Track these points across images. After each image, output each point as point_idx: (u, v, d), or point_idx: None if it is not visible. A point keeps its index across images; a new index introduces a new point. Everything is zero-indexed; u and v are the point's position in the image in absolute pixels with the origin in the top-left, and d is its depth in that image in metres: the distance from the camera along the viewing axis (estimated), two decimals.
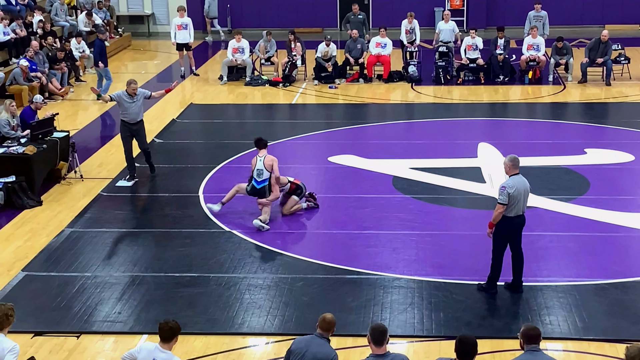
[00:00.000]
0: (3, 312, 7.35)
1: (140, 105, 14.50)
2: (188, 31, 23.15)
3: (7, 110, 15.22)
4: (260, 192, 12.80)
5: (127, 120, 14.43)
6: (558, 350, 9.29)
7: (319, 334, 7.54)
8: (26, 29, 22.69)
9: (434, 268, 11.23)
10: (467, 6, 29.51)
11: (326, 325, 7.53)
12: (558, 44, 21.66)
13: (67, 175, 15.15)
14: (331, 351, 7.44)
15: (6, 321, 7.35)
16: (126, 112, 14.39)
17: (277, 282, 10.91)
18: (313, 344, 7.48)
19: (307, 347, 7.46)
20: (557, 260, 11.50)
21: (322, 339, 7.50)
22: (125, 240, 12.46)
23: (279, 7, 30.23)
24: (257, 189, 12.79)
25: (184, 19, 23.23)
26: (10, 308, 7.44)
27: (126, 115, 14.40)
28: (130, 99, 14.30)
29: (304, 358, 7.41)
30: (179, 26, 23.13)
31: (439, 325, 9.80)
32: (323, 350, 7.42)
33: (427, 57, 23.41)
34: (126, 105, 14.32)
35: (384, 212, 13.29)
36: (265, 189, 12.75)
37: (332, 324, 7.54)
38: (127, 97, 14.29)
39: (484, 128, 18.44)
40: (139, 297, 10.57)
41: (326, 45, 22.14)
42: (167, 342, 7.31)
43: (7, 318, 7.36)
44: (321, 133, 17.72)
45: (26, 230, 12.94)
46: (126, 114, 14.40)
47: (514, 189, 9.97)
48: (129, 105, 14.32)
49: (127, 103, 14.30)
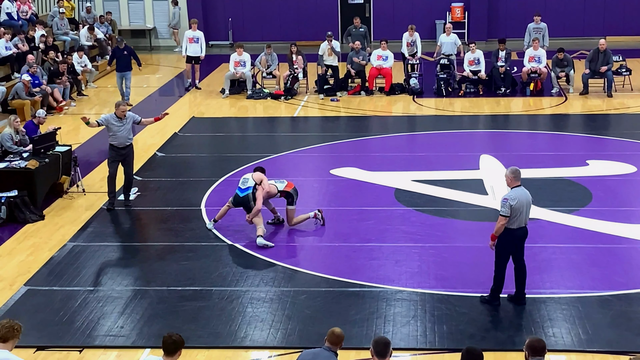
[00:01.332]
0: (10, 324, 7.31)
1: (129, 129, 13.99)
2: (199, 44, 23.27)
3: (11, 125, 15.25)
4: (243, 201, 12.59)
5: (116, 145, 13.91)
6: None
7: (327, 348, 7.54)
8: (28, 44, 22.75)
9: (436, 280, 11.21)
10: (468, 18, 29.58)
11: (335, 339, 7.54)
12: (559, 54, 21.70)
13: (70, 189, 15.16)
14: None
15: (12, 334, 7.30)
16: (114, 136, 13.86)
17: (279, 295, 10.89)
18: (320, 357, 7.49)
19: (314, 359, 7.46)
20: (560, 272, 11.48)
21: (329, 352, 7.51)
22: (128, 254, 12.45)
23: (281, 21, 30.32)
24: (240, 197, 12.63)
25: (195, 32, 23.36)
26: (18, 324, 7.40)
27: (114, 139, 13.87)
28: (119, 122, 13.79)
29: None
30: (191, 39, 23.26)
31: (442, 338, 9.77)
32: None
33: (428, 69, 23.44)
34: (114, 129, 13.81)
35: (386, 224, 13.28)
36: (249, 197, 12.55)
37: (340, 338, 7.55)
38: (115, 120, 13.77)
39: (486, 140, 18.45)
40: (142, 311, 10.55)
41: (328, 42, 22.16)
42: (170, 356, 7.30)
43: (14, 331, 7.31)
44: (323, 146, 17.73)
45: (28, 244, 12.94)
46: (114, 138, 13.87)
47: (515, 201, 9.97)
48: (118, 128, 13.81)
49: (115, 126, 13.79)
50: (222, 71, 24.33)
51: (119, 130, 13.87)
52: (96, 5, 30.16)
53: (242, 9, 30.38)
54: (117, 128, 13.85)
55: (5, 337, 7.26)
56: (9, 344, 7.29)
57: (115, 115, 13.88)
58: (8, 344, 7.28)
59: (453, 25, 25.33)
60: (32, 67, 20.95)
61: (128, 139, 14.02)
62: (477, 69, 22.08)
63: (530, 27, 23.71)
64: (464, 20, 29.52)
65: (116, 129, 13.85)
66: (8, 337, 7.28)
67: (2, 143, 15.02)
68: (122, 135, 13.90)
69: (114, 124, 13.82)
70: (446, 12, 29.58)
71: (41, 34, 23.46)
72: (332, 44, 22.13)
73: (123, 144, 13.98)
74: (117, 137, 13.89)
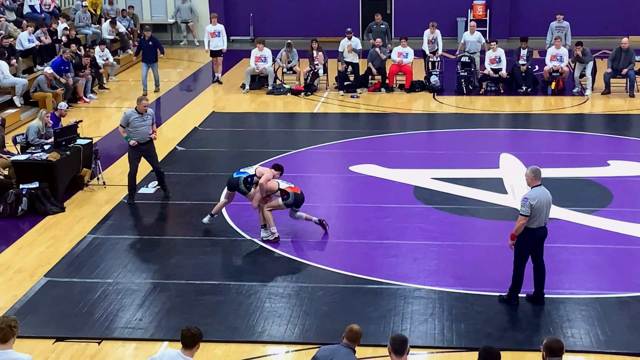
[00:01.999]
0: (7, 323, 7.17)
1: (150, 125, 14.05)
2: (221, 38, 23.38)
3: (42, 119, 15.42)
4: (233, 182, 12.54)
5: (137, 140, 13.95)
6: None
7: (345, 344, 7.54)
8: (51, 37, 22.88)
9: (454, 279, 11.19)
10: (489, 16, 29.46)
11: (353, 336, 7.54)
12: (577, 49, 21.50)
13: (90, 182, 15.24)
14: None
15: (10, 332, 7.16)
16: (135, 131, 13.88)
17: (297, 291, 10.91)
18: (339, 353, 7.49)
19: (332, 356, 7.47)
20: (579, 272, 11.44)
21: (347, 349, 7.51)
22: (147, 247, 12.50)
23: (301, 16, 30.30)
24: (233, 178, 12.59)
25: (216, 27, 23.46)
26: (13, 319, 7.27)
27: (135, 135, 13.89)
28: (140, 117, 13.84)
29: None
30: (212, 34, 23.35)
31: (459, 336, 9.76)
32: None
33: (449, 67, 23.37)
34: (136, 124, 13.84)
35: (405, 222, 13.27)
36: (239, 181, 12.49)
37: (358, 335, 7.55)
38: (136, 116, 13.82)
39: (506, 139, 18.39)
40: (160, 304, 10.60)
41: (348, 39, 22.11)
42: (189, 349, 7.33)
43: (11, 329, 7.18)
44: (342, 142, 17.73)
45: (49, 236, 13.02)
46: (135, 133, 13.89)
47: (536, 201, 9.93)
48: (139, 124, 13.85)
49: (136, 122, 13.83)
50: (243, 66, 24.37)
51: (140, 126, 13.89)
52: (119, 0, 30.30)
53: (263, 4, 30.40)
54: (138, 123, 13.87)
55: (5, 337, 7.15)
56: (9, 343, 7.18)
57: (137, 110, 13.91)
58: (8, 343, 7.17)
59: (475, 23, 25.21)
60: (65, 52, 21.12)
61: (148, 135, 14.04)
62: (498, 67, 21.98)
63: (552, 25, 23.58)
64: (485, 17, 29.40)
65: (137, 124, 13.86)
66: (8, 337, 7.16)
67: (28, 134, 15.16)
68: (142, 130, 13.93)
69: (135, 119, 13.86)
70: (468, 9, 29.47)
71: (64, 27, 23.58)
72: (352, 41, 22.07)
73: (144, 139, 14.00)
74: (138, 133, 13.91)
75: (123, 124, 13.96)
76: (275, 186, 12.59)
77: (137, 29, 28.32)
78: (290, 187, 12.67)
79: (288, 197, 12.51)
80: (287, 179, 14.41)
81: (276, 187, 12.59)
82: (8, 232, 13.23)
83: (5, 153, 15.19)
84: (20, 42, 21.57)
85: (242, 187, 12.53)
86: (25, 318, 10.19)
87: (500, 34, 28.11)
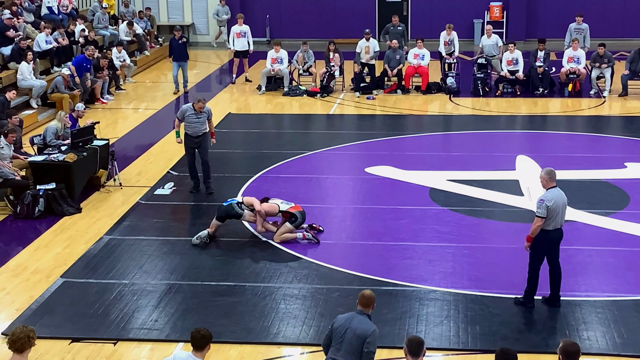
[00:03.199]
0: (25, 334, 7.14)
1: (204, 121, 14.51)
2: (247, 39, 23.46)
3: (61, 120, 15.55)
4: (226, 210, 12.50)
5: (190, 134, 14.47)
6: None
7: (359, 311, 7.78)
8: (68, 38, 22.98)
9: (470, 281, 11.16)
10: (506, 18, 29.36)
11: (366, 301, 7.80)
12: (599, 50, 21.41)
13: (107, 183, 15.30)
14: (371, 326, 7.69)
15: (27, 343, 7.15)
16: (190, 126, 14.43)
17: (312, 292, 10.91)
18: (354, 320, 7.74)
19: (348, 323, 7.73)
20: (596, 275, 11.38)
21: (362, 315, 7.74)
22: (163, 248, 12.54)
23: (318, 18, 30.32)
24: (223, 206, 12.59)
25: (242, 27, 23.53)
26: (31, 330, 7.22)
27: (189, 129, 14.45)
28: (196, 115, 14.35)
29: (345, 334, 7.69)
30: (238, 34, 23.44)
31: (475, 338, 9.74)
32: (363, 326, 7.67)
33: (465, 68, 23.32)
34: (191, 120, 14.37)
35: (420, 224, 13.25)
36: (232, 206, 12.49)
37: (371, 300, 7.81)
38: (192, 113, 14.33)
39: (523, 140, 18.32)
40: (176, 305, 10.63)
41: (366, 40, 22.08)
42: (200, 351, 7.33)
43: (29, 340, 7.16)
44: (358, 144, 17.72)
45: (65, 237, 13.08)
46: (189, 127, 14.44)
47: (552, 202, 9.90)
48: (194, 120, 14.38)
49: (191, 118, 14.35)
50: (259, 68, 24.40)
51: (194, 122, 14.42)
52: (135, 1, 30.39)
53: (279, 6, 30.44)
54: (193, 119, 14.40)
55: (22, 348, 7.13)
56: (25, 354, 7.18)
57: (193, 107, 14.36)
58: (24, 354, 7.17)
59: (491, 24, 25.16)
60: (88, 50, 21.24)
61: (202, 129, 14.51)
62: (515, 69, 21.91)
63: (571, 27, 23.46)
64: (502, 19, 29.30)
65: (192, 120, 14.40)
66: (25, 347, 7.15)
67: (45, 135, 15.25)
68: (196, 125, 14.46)
69: (191, 116, 14.35)
70: (485, 11, 29.39)
71: (81, 29, 23.69)
72: (370, 42, 22.05)
73: (197, 133, 14.49)
74: (192, 127, 14.45)
75: (179, 117, 14.54)
76: (275, 209, 12.51)
77: (154, 30, 28.42)
78: (292, 207, 12.56)
79: (296, 218, 12.43)
80: (302, 181, 14.49)
81: (276, 209, 12.50)
82: (25, 232, 13.30)
83: (22, 154, 15.27)
84: (38, 43, 21.68)
85: (236, 210, 12.50)
86: (42, 319, 10.24)
87: (517, 35, 28.01)
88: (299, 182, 15.14)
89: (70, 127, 15.58)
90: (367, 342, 7.60)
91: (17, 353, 7.11)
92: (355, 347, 7.62)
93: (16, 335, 7.10)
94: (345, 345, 7.67)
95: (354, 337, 7.63)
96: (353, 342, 7.62)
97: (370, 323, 7.73)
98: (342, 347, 7.69)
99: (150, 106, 21.56)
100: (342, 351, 7.69)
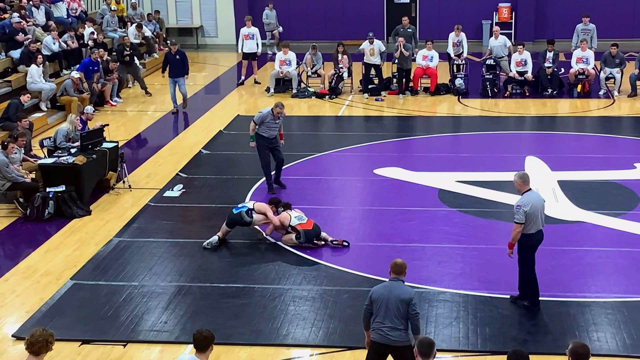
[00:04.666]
0: (44, 337, 7.14)
1: (280, 125, 14.79)
2: (255, 41, 23.45)
3: (71, 123, 15.62)
4: (236, 218, 12.51)
5: (267, 136, 14.64)
6: None
7: (394, 279, 8.24)
8: (77, 41, 23.05)
9: (480, 282, 11.15)
10: (515, 19, 29.32)
11: (398, 269, 8.28)
12: (612, 50, 21.38)
13: (116, 185, 15.34)
14: (412, 290, 8.22)
15: (44, 347, 7.15)
16: (267, 130, 14.61)
17: (321, 294, 10.91)
18: (394, 287, 8.16)
19: (389, 291, 8.13)
20: (606, 276, 11.35)
21: (398, 281, 8.24)
22: (172, 250, 12.56)
23: (327, 20, 30.35)
24: (234, 214, 12.56)
25: (250, 29, 23.54)
26: (51, 335, 7.23)
27: (266, 132, 14.61)
28: (274, 121, 14.57)
29: (389, 302, 8.07)
30: (246, 36, 23.46)
31: (484, 340, 9.73)
32: (405, 290, 8.15)
33: (474, 69, 23.30)
34: (270, 125, 14.57)
35: (429, 225, 13.24)
36: (242, 215, 12.49)
37: (404, 267, 8.32)
38: (271, 119, 14.56)
39: (532, 141, 18.30)
40: (185, 307, 10.65)
41: (370, 43, 21.96)
42: (202, 352, 7.34)
43: (47, 344, 7.16)
44: (367, 145, 17.72)
45: (75, 239, 13.12)
46: (266, 131, 14.60)
47: (529, 206, 9.84)
48: (273, 125, 14.60)
49: (270, 123, 14.56)
50: (268, 70, 24.43)
51: (273, 127, 14.65)
52: (144, 4, 30.46)
53: (288, 8, 30.47)
54: (272, 125, 14.62)
55: (39, 351, 7.13)
56: (41, 357, 7.17)
57: (272, 113, 14.52)
58: (40, 357, 7.17)
59: (500, 25, 25.13)
60: (94, 53, 21.33)
61: (276, 133, 14.82)
62: (523, 70, 21.87)
63: (578, 28, 23.44)
64: (511, 20, 29.27)
65: (271, 125, 14.61)
66: (42, 351, 7.15)
67: (56, 137, 15.31)
68: (273, 130, 14.70)
69: (270, 121, 14.56)
70: (493, 12, 29.37)
71: (90, 32, 23.76)
72: (375, 44, 21.95)
73: (272, 135, 14.73)
74: (270, 131, 14.65)
75: (257, 122, 14.66)
76: (286, 222, 12.54)
77: (162, 33, 28.48)
78: (301, 223, 12.50)
79: (300, 237, 12.40)
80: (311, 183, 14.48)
81: (288, 220, 12.53)
82: (35, 235, 13.34)
83: (32, 157, 15.33)
84: (47, 46, 21.75)
85: (246, 218, 12.52)
86: (52, 321, 10.27)
87: (526, 36, 27.97)
88: (308, 184, 15.15)
89: (81, 129, 15.63)
90: (412, 303, 8.09)
91: (33, 355, 7.11)
92: (402, 311, 8.06)
93: (35, 337, 7.11)
94: (390, 312, 8.06)
95: (400, 302, 8.06)
96: (400, 307, 8.05)
97: (409, 287, 8.24)
98: (388, 314, 8.06)
99: (159, 108, 21.60)
100: (389, 318, 8.07)
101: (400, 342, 8.07)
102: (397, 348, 8.09)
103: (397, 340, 8.06)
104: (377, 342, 8.16)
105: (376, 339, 8.15)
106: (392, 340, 8.06)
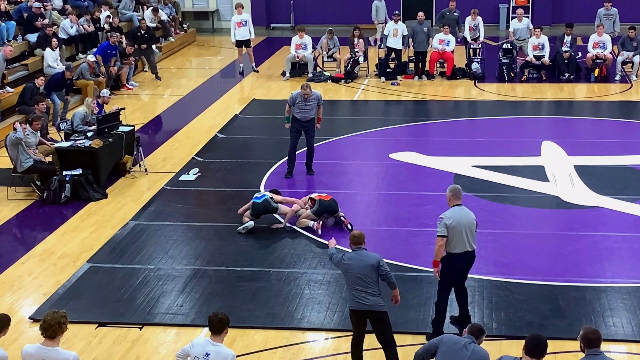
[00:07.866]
0: (56, 320, 7.09)
1: (313, 107, 14.66)
2: (248, 27, 23.30)
3: (88, 106, 15.66)
4: (263, 205, 12.53)
5: (300, 118, 14.64)
6: (622, 353, 9.15)
7: (357, 248, 8.61)
8: (94, 24, 23.07)
9: (495, 267, 11.13)
10: (532, 3, 29.12)
11: (357, 240, 8.64)
12: (630, 33, 21.22)
13: (132, 168, 15.38)
14: (376, 255, 8.59)
15: (59, 329, 7.11)
16: (299, 111, 14.60)
17: (336, 278, 10.92)
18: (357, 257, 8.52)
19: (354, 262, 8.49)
20: (622, 261, 11.31)
21: (361, 250, 8.61)
22: (188, 234, 12.60)
23: (343, 4, 30.22)
24: (258, 203, 12.56)
25: (242, 16, 23.37)
26: (63, 316, 7.17)
27: (298, 113, 14.62)
28: (304, 102, 14.54)
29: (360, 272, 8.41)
30: (239, 23, 23.27)
31: (500, 324, 9.72)
32: (369, 256, 8.52)
33: (490, 54, 23.17)
34: (300, 106, 14.56)
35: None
36: (268, 201, 12.55)
37: (361, 237, 8.66)
38: (301, 99, 14.55)
39: (548, 126, 18.21)
40: (201, 290, 10.69)
41: (394, 22, 21.66)
42: (217, 335, 7.35)
43: (60, 326, 7.12)
44: (383, 130, 17.68)
45: (92, 222, 13.18)
46: (298, 112, 14.61)
47: (451, 221, 9.05)
48: (303, 106, 14.57)
49: (300, 104, 14.55)
50: (284, 54, 24.37)
51: (303, 108, 14.60)
52: None
53: None
54: (302, 105, 14.58)
55: (54, 334, 7.09)
56: (57, 340, 7.13)
57: (301, 94, 14.51)
58: (56, 340, 7.13)
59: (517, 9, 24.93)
60: (112, 37, 21.35)
61: (311, 115, 14.66)
62: (540, 54, 21.74)
63: (600, 12, 23.22)
64: (528, 4, 29.05)
65: (301, 106, 14.58)
66: (57, 334, 7.11)
67: (73, 121, 15.37)
68: (305, 111, 14.63)
69: (300, 102, 14.56)
70: None
71: (107, 15, 23.78)
72: (399, 25, 21.83)
73: (306, 118, 14.67)
74: (301, 112, 14.63)
75: (290, 102, 14.72)
76: (305, 199, 12.82)
77: (178, 16, 28.45)
78: (321, 195, 12.73)
79: (313, 205, 12.54)
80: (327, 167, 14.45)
81: (301, 204, 12.77)
82: (52, 218, 13.42)
83: (48, 140, 15.39)
84: (64, 29, 21.78)
85: (272, 204, 12.60)
86: (69, 303, 10.33)
87: (544, 20, 27.76)
88: (324, 168, 15.14)
89: (97, 113, 15.67)
90: (380, 265, 8.47)
91: (49, 339, 7.12)
92: (374, 278, 8.45)
93: (47, 322, 7.09)
94: (363, 280, 8.40)
95: (368, 269, 8.42)
96: (370, 274, 8.42)
97: (372, 253, 8.58)
98: (361, 282, 8.41)
99: (175, 92, 21.62)
100: (362, 285, 8.41)
101: (377, 307, 8.44)
102: (374, 312, 8.46)
103: (374, 305, 8.42)
104: (354, 310, 8.50)
105: (354, 307, 8.49)
106: (368, 305, 8.41)
